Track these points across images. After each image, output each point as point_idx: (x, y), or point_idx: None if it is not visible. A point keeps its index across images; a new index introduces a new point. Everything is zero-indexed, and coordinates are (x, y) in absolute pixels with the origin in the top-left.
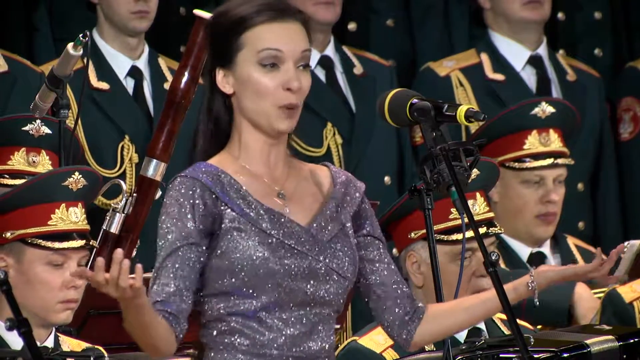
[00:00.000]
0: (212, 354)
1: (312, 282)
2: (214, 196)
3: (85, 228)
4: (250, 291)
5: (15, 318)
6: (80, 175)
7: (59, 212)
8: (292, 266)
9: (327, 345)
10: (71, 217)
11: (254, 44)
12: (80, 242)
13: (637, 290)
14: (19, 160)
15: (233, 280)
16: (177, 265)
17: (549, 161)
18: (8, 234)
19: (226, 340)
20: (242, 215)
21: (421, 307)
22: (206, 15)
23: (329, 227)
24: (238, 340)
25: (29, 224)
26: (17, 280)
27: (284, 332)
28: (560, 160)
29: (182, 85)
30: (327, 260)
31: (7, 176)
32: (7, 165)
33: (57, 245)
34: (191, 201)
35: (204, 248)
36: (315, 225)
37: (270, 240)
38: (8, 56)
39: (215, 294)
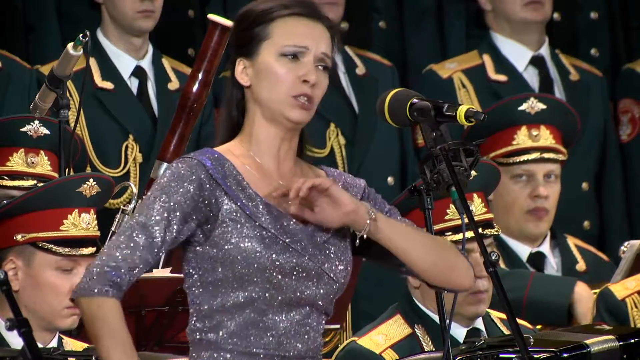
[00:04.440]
0: (198, 351)
1: (302, 281)
2: (214, 182)
3: (95, 235)
4: (240, 284)
5: (15, 318)
6: (95, 182)
7: (71, 218)
8: (284, 263)
9: (313, 346)
10: (83, 223)
11: (281, 35)
12: (91, 250)
13: (630, 288)
14: (17, 161)
15: (223, 270)
16: (143, 239)
17: (535, 155)
18: (19, 237)
19: (212, 337)
20: (240, 206)
21: None
22: (220, 20)
23: (326, 228)
24: (224, 337)
25: (41, 228)
26: (25, 283)
27: (271, 331)
28: (547, 155)
29: (195, 89)
30: (320, 262)
31: (6, 177)
32: (6, 166)
33: (68, 251)
34: (189, 181)
35: (180, 233)
36: (313, 225)
37: (265, 235)
38: (0, 53)
39: (204, 285)
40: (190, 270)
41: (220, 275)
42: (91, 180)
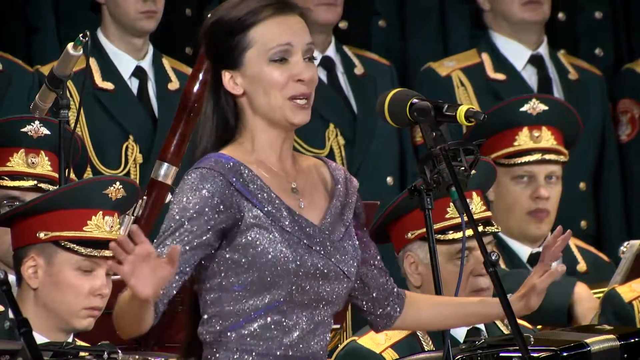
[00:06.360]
0: (215, 353)
1: (323, 282)
2: (235, 191)
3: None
4: (264, 287)
5: (15, 318)
6: (121, 186)
7: (95, 219)
8: (309, 265)
9: (325, 345)
10: (106, 226)
11: (263, 41)
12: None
13: (636, 290)
14: (18, 161)
15: (248, 275)
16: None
17: (537, 156)
18: (42, 235)
19: (231, 338)
20: (264, 212)
21: (400, 294)
22: None
23: (337, 226)
24: (243, 338)
25: (64, 227)
26: (45, 281)
27: (290, 332)
28: (548, 156)
29: (196, 89)
30: (337, 261)
31: (7, 178)
32: (6, 166)
33: (90, 251)
34: (210, 195)
35: (210, 250)
36: (326, 224)
37: (289, 239)
38: (1, 56)
39: (225, 288)
40: (210, 273)
41: (245, 279)
42: (118, 183)
